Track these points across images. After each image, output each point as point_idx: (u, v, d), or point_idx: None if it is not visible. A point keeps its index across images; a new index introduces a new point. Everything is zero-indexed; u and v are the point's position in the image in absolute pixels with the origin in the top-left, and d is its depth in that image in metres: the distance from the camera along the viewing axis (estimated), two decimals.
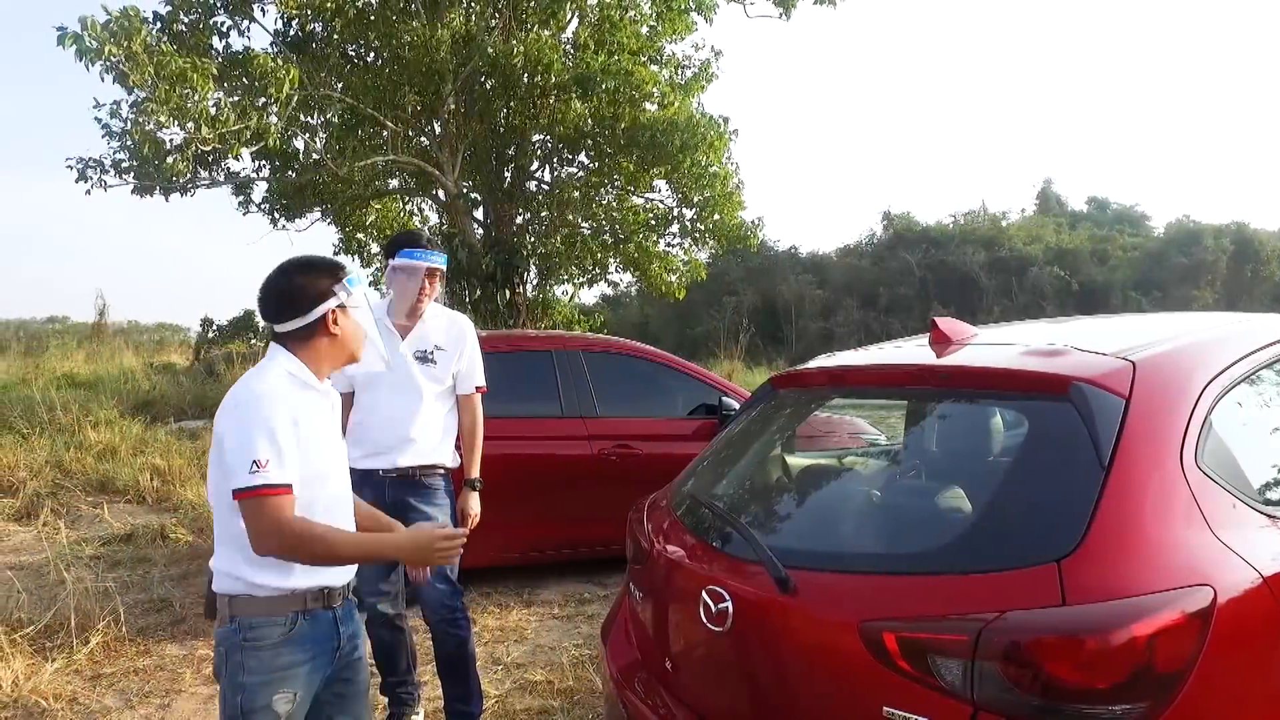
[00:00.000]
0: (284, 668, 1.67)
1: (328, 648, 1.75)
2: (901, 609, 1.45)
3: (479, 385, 2.97)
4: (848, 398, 2.45)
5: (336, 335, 1.76)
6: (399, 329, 2.85)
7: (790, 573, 1.61)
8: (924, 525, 1.77)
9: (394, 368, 2.75)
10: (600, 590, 4.66)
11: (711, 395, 4.93)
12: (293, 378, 1.73)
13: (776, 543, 1.73)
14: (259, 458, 1.58)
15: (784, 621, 1.64)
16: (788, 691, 1.61)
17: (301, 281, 1.75)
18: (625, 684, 2.08)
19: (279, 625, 1.67)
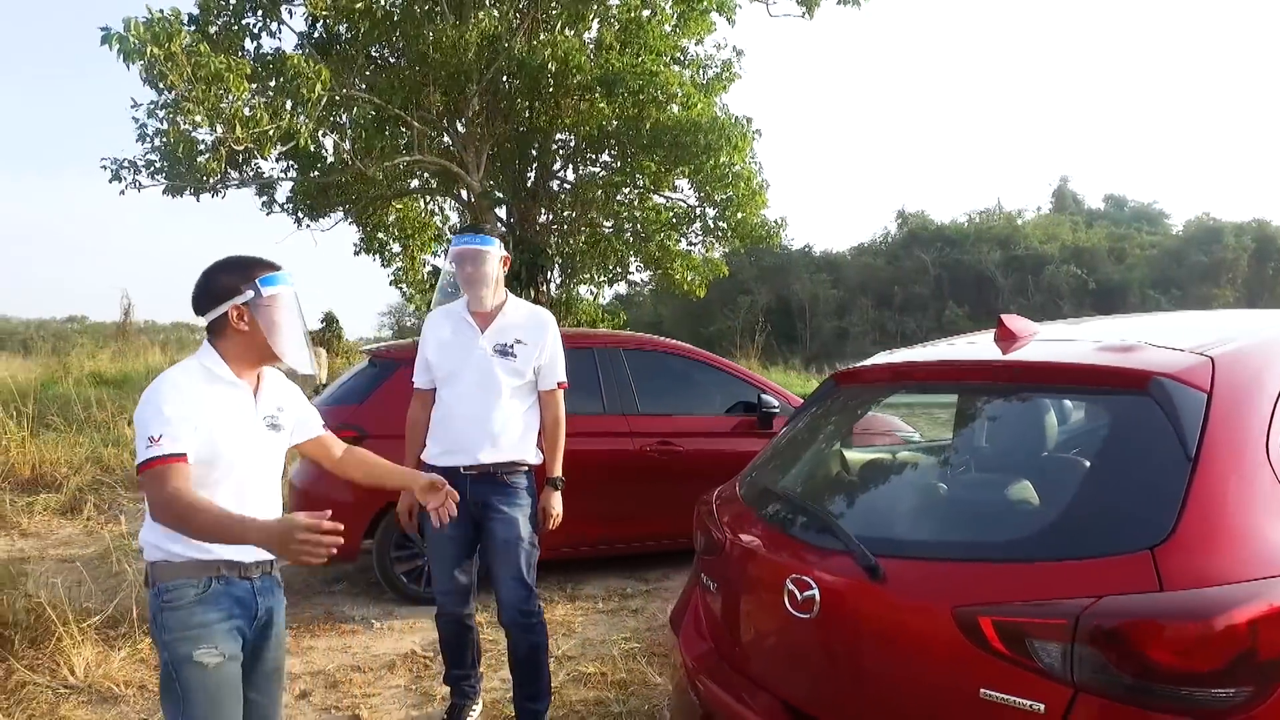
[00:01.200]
0: (200, 625, 1.79)
1: (246, 613, 1.85)
2: (995, 594, 1.50)
3: (561, 381, 2.92)
4: (911, 394, 2.49)
5: (244, 332, 1.85)
6: (478, 322, 2.83)
7: (878, 561, 1.67)
8: (1010, 515, 1.82)
9: (473, 364, 2.78)
10: (642, 585, 4.72)
11: (750, 393, 4.98)
12: (204, 369, 1.86)
13: (861, 532, 1.78)
14: (152, 434, 1.71)
15: (873, 608, 1.69)
16: (878, 675, 1.66)
17: (213, 278, 1.87)
18: (702, 672, 2.14)
19: (193, 586, 1.80)
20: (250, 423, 1.89)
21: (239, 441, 1.85)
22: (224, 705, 1.84)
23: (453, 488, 2.68)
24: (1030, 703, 1.41)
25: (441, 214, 15.29)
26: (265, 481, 1.94)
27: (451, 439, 2.81)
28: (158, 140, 9.50)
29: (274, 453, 1.96)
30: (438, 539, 2.83)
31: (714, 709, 2.08)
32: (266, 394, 1.96)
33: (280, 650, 1.98)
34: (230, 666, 1.83)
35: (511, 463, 2.81)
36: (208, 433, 1.78)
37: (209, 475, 1.80)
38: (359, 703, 3.26)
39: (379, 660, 3.69)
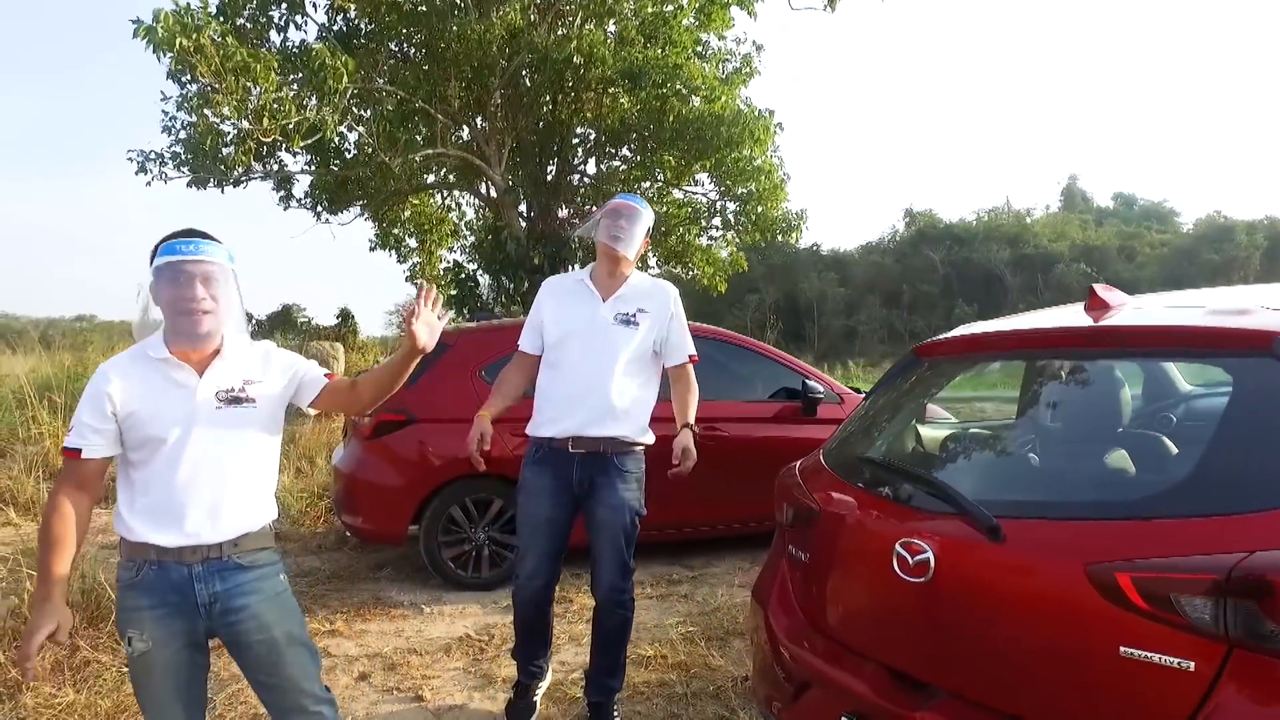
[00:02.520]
0: (130, 609, 1.82)
1: (182, 602, 1.82)
2: (1133, 551, 1.48)
3: (691, 354, 2.81)
4: (996, 361, 2.47)
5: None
6: (600, 290, 2.73)
7: (999, 522, 1.65)
8: (1140, 473, 1.80)
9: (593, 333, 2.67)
10: (688, 572, 4.71)
11: (794, 379, 4.96)
12: (141, 351, 1.84)
13: (974, 495, 1.76)
14: (71, 423, 1.82)
15: (994, 569, 1.67)
16: (1000, 635, 1.64)
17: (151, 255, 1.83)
18: (795, 642, 2.12)
19: (128, 569, 1.83)
20: (188, 400, 1.82)
21: (171, 420, 1.80)
22: (156, 691, 1.84)
23: (558, 467, 2.67)
24: (1179, 660, 1.39)
25: (458, 209, 15.29)
26: (231, 458, 1.86)
27: (560, 407, 2.67)
28: (183, 133, 9.51)
29: (236, 428, 1.87)
30: (533, 520, 2.73)
31: (810, 678, 2.06)
32: (223, 370, 1.87)
33: (268, 632, 1.88)
34: (160, 654, 1.81)
35: (622, 439, 2.68)
36: (134, 414, 1.78)
37: (148, 458, 1.80)
38: (420, 684, 3.25)
39: (434, 644, 3.68)
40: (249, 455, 1.93)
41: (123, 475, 1.86)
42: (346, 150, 11.10)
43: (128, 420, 1.79)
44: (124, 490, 1.85)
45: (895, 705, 1.79)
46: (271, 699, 1.96)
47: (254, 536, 1.92)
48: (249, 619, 1.88)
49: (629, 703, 3.05)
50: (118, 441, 1.81)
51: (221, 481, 1.86)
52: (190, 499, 1.82)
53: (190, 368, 1.85)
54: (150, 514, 1.81)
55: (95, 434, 1.79)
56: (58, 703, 2.96)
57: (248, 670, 1.95)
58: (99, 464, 1.82)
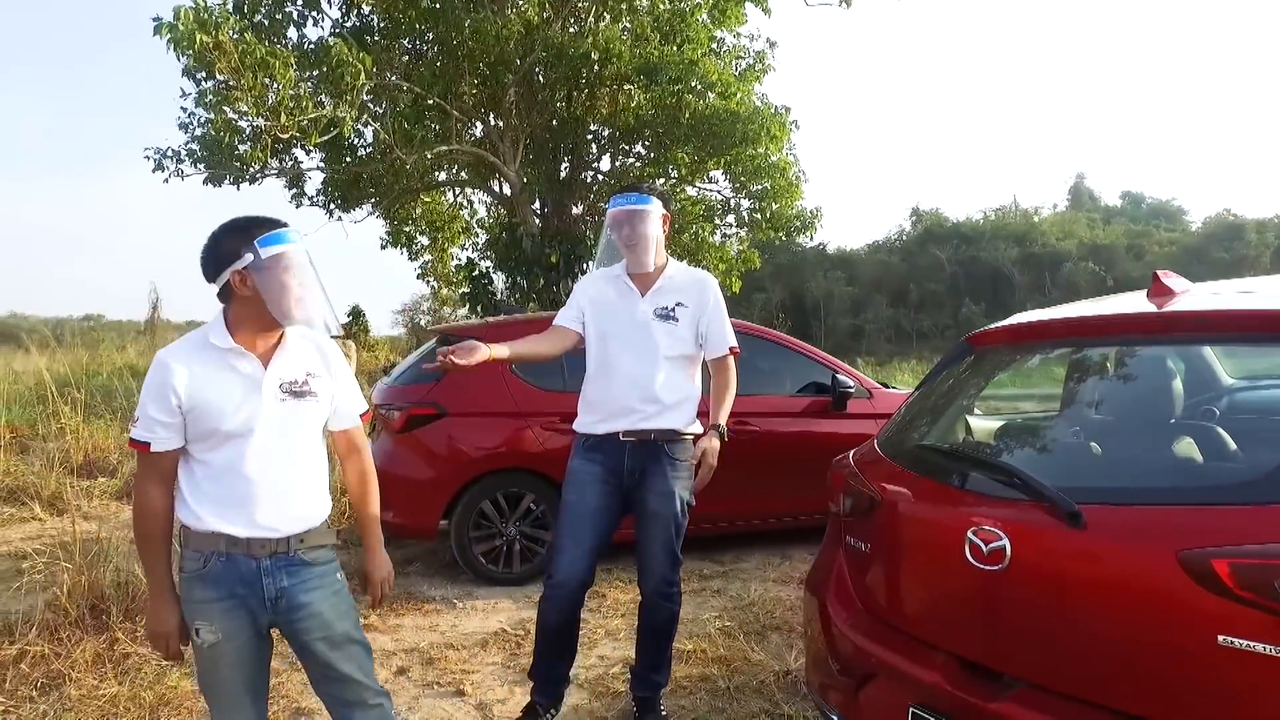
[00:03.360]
0: (198, 600, 1.79)
1: (250, 594, 1.80)
2: (1228, 537, 1.45)
3: (732, 345, 2.77)
4: (1052, 350, 2.44)
5: (247, 296, 1.78)
6: (638, 285, 2.70)
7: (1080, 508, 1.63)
8: (1233, 459, 1.78)
9: (633, 329, 2.65)
10: (719, 567, 4.68)
11: (824, 374, 4.94)
12: (204, 340, 1.81)
13: (1049, 480, 1.73)
14: (136, 414, 1.79)
15: (1076, 556, 1.65)
16: (1082, 623, 1.62)
17: (217, 244, 1.80)
18: (858, 633, 2.10)
19: (194, 559, 1.80)
20: (254, 391, 1.81)
21: (239, 411, 1.79)
22: (225, 683, 1.84)
23: (607, 456, 2.64)
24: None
25: (470, 207, 15.29)
26: (294, 451, 1.86)
27: (609, 405, 2.65)
28: (198, 130, 9.52)
29: (300, 420, 1.87)
30: (577, 509, 2.65)
31: (874, 669, 2.04)
32: (286, 361, 1.86)
33: (329, 629, 1.88)
34: (230, 645, 1.80)
35: (673, 430, 2.66)
36: (200, 404, 1.76)
37: (214, 448, 1.78)
38: (460, 679, 3.23)
39: (470, 638, 3.66)
40: (310, 448, 1.92)
41: (185, 464, 1.82)
42: (362, 147, 11.10)
43: (193, 411, 1.76)
44: (188, 479, 1.82)
45: (970, 695, 1.77)
46: (332, 693, 1.95)
47: (317, 532, 1.91)
48: (312, 615, 1.86)
49: (672, 697, 3.03)
50: (184, 432, 1.79)
51: (288, 474, 1.85)
52: (260, 491, 1.80)
53: (256, 358, 1.84)
54: (219, 504, 1.79)
55: (162, 427, 1.76)
56: (101, 694, 2.95)
57: (309, 665, 1.94)
58: (173, 455, 1.80)
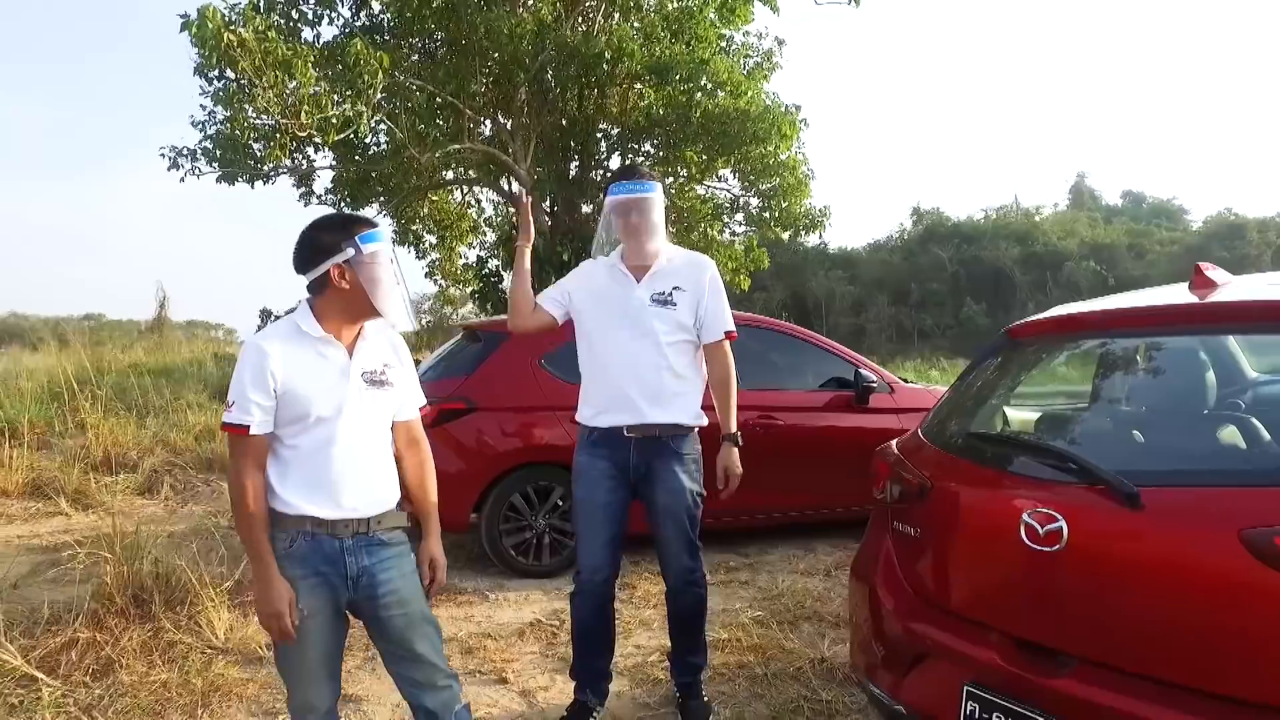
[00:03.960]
0: (286, 578, 1.83)
1: (333, 572, 1.87)
2: None
3: (729, 330, 2.68)
4: (1092, 341, 2.49)
5: (344, 289, 1.85)
6: (634, 271, 2.64)
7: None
8: (1247, 435, 1.84)
9: (629, 317, 2.58)
10: (744, 559, 4.74)
11: (846, 369, 5.00)
12: (297, 329, 1.86)
13: (1105, 464, 1.79)
14: (230, 398, 1.82)
15: (1134, 537, 1.71)
16: (1146, 602, 1.67)
17: (314, 236, 1.88)
18: (908, 616, 2.16)
19: (280, 540, 1.85)
20: (343, 379, 1.88)
21: (331, 397, 1.85)
22: (306, 659, 1.89)
23: (613, 451, 2.61)
24: None
25: (477, 206, 15.34)
26: (373, 437, 1.94)
27: (608, 397, 2.61)
28: (212, 129, 9.57)
29: (379, 408, 1.95)
30: (588, 506, 2.66)
31: (926, 650, 2.10)
32: (367, 351, 1.94)
33: (406, 607, 1.94)
34: (312, 622, 1.86)
35: (677, 425, 2.61)
36: (294, 389, 1.81)
37: (301, 432, 1.84)
38: (501, 667, 3.29)
39: (507, 628, 3.72)
40: (385, 435, 1.99)
41: (272, 449, 1.87)
42: (375, 145, 11.15)
43: (287, 395, 1.81)
44: (275, 464, 1.86)
45: (1028, 672, 1.82)
46: (403, 672, 2.01)
47: (392, 514, 1.97)
48: (390, 594, 1.92)
49: (711, 684, 3.08)
50: (274, 417, 1.84)
51: (369, 458, 1.92)
52: (346, 474, 1.86)
53: (343, 347, 1.90)
54: (307, 487, 1.85)
55: (260, 410, 1.80)
56: (152, 681, 3.00)
57: (384, 642, 1.98)
58: (266, 439, 1.84)
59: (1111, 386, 2.57)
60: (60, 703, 2.83)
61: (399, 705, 2.95)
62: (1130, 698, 1.65)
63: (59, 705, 2.80)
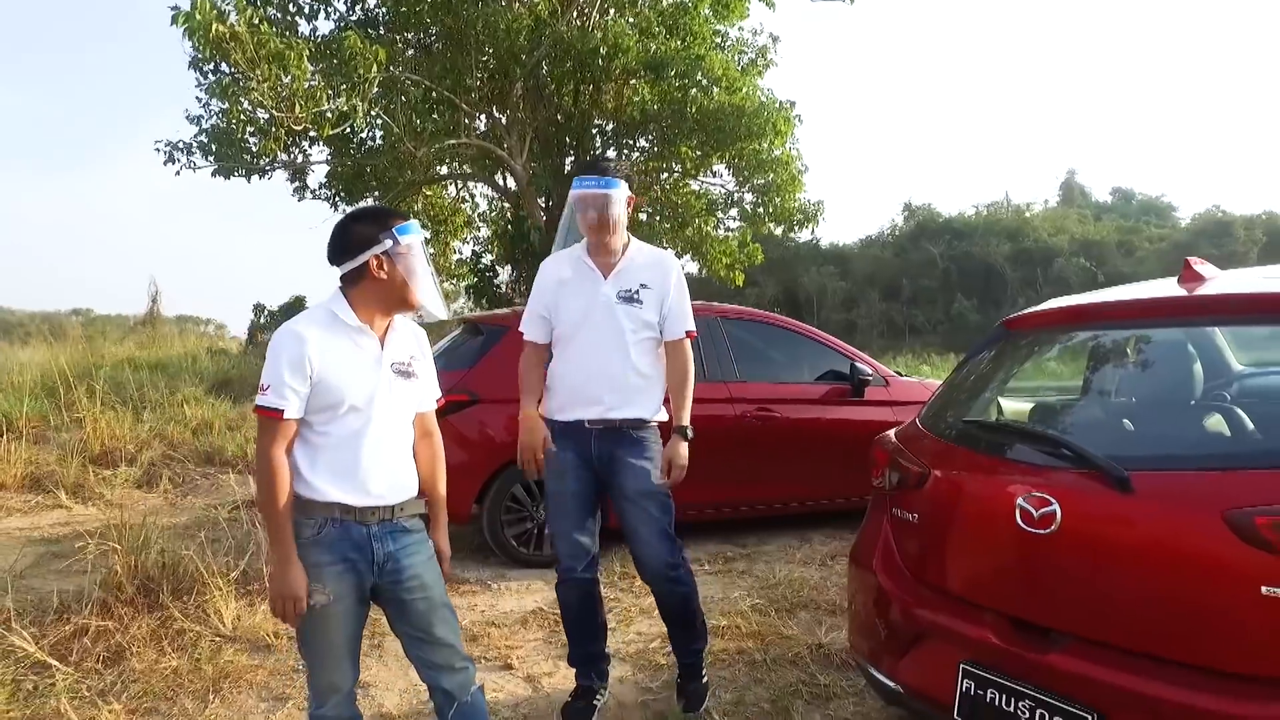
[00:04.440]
0: (313, 564, 1.88)
1: (361, 558, 1.91)
2: (1271, 497, 1.59)
3: (689, 329, 2.69)
4: (1085, 332, 2.57)
5: (381, 280, 1.90)
6: (600, 268, 2.64)
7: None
8: (1260, 427, 1.91)
9: (596, 314, 2.60)
10: (741, 550, 4.82)
11: (842, 362, 5.08)
12: (332, 317, 1.91)
13: (1100, 450, 1.87)
14: (264, 382, 1.84)
15: (1125, 519, 1.79)
16: (1136, 580, 1.75)
17: (353, 228, 1.94)
18: (907, 598, 2.24)
19: (309, 526, 1.89)
20: (376, 368, 1.93)
21: (364, 386, 1.90)
22: (331, 642, 1.94)
23: (576, 442, 2.64)
24: None
25: (472, 201, 15.35)
26: (399, 426, 1.99)
27: (573, 392, 2.64)
28: (207, 123, 9.57)
29: (406, 399, 2.01)
30: (558, 496, 2.70)
31: (924, 630, 2.17)
32: (396, 342, 1.99)
33: (428, 591, 1.99)
34: (339, 606, 1.90)
35: (639, 419, 2.64)
36: (329, 377, 1.85)
37: (331, 419, 1.88)
38: (506, 654, 3.35)
39: (510, 617, 3.78)
40: (409, 424, 2.05)
41: (302, 437, 1.90)
42: (371, 139, 11.16)
43: (322, 383, 1.85)
44: (305, 451, 1.90)
45: (1021, 649, 1.90)
46: (423, 655, 2.05)
47: (414, 502, 2.02)
48: (413, 578, 1.97)
49: (712, 669, 3.15)
50: (307, 403, 1.87)
51: (396, 447, 1.97)
52: (376, 463, 1.91)
53: (376, 337, 1.95)
54: (337, 474, 1.89)
55: (295, 395, 1.83)
56: (163, 667, 3.05)
57: (406, 626, 2.02)
58: (297, 423, 1.87)
59: (1103, 377, 2.65)
60: (74, 688, 2.87)
61: (405, 691, 3.03)
62: (1119, 671, 1.73)
63: (73, 691, 2.85)
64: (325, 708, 2.00)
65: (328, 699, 2.01)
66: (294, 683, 3.02)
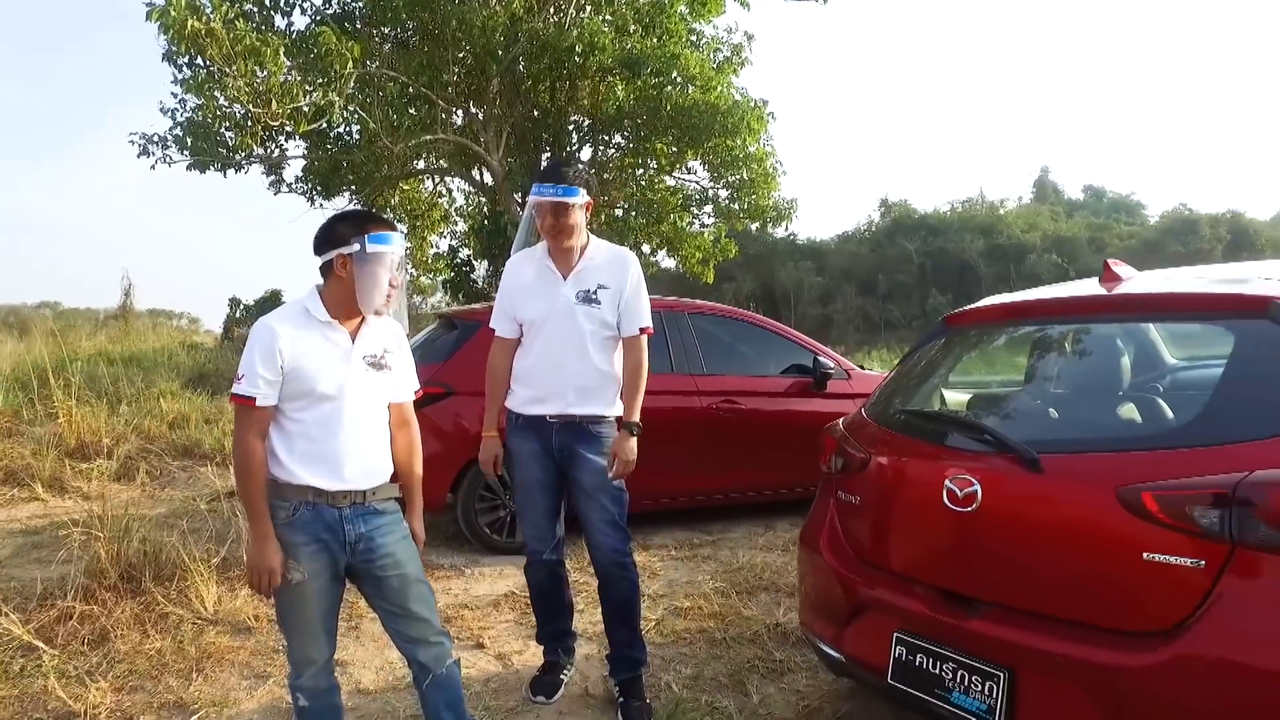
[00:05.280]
0: (289, 544, 2.01)
1: (333, 539, 2.04)
2: (1153, 474, 1.79)
3: (644, 326, 2.77)
4: (1020, 328, 2.77)
5: (342, 279, 2.03)
6: (560, 268, 2.73)
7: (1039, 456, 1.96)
8: (1158, 413, 2.12)
9: (556, 313, 2.70)
10: (707, 536, 5.00)
11: (805, 356, 5.27)
12: (305, 312, 2.05)
13: (1013, 435, 2.06)
14: (240, 372, 1.98)
15: (1035, 496, 1.98)
16: (1042, 551, 1.94)
17: (333, 226, 2.08)
18: (849, 575, 2.42)
19: (283, 509, 2.02)
20: (344, 360, 2.06)
21: (334, 376, 2.03)
22: (307, 617, 2.08)
23: (538, 434, 2.76)
24: (1191, 560, 1.70)
25: (449, 195, 15.39)
26: (372, 415, 2.13)
27: (536, 388, 2.77)
28: (183, 117, 9.57)
29: (378, 390, 2.14)
30: (525, 485, 2.83)
31: (863, 604, 2.36)
32: (369, 336, 2.12)
33: (401, 568, 2.13)
34: (313, 584, 2.04)
35: (598, 415, 2.75)
36: (300, 369, 1.98)
37: (305, 408, 2.02)
38: (478, 634, 3.50)
39: (483, 600, 3.94)
40: (382, 414, 2.18)
41: (278, 423, 2.03)
42: (348, 135, 11.20)
43: (293, 373, 1.99)
44: (281, 437, 2.03)
45: (947, 617, 2.09)
46: (400, 629, 2.20)
47: (386, 487, 2.16)
48: (385, 555, 2.11)
49: (673, 647, 3.34)
50: (280, 391, 2.01)
51: (368, 435, 2.11)
52: (348, 449, 2.05)
53: (347, 331, 2.09)
54: (310, 460, 2.02)
55: (267, 384, 1.97)
56: (147, 649, 3.18)
57: (382, 601, 2.16)
58: (271, 411, 2.01)
59: (1039, 369, 2.85)
60: (61, 669, 2.99)
61: (381, 668, 3.17)
62: (1028, 633, 1.93)
63: (60, 671, 2.96)
64: (303, 678, 2.15)
65: (305, 670, 2.15)
66: (275, 661, 3.16)
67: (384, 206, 14.73)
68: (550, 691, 2.92)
